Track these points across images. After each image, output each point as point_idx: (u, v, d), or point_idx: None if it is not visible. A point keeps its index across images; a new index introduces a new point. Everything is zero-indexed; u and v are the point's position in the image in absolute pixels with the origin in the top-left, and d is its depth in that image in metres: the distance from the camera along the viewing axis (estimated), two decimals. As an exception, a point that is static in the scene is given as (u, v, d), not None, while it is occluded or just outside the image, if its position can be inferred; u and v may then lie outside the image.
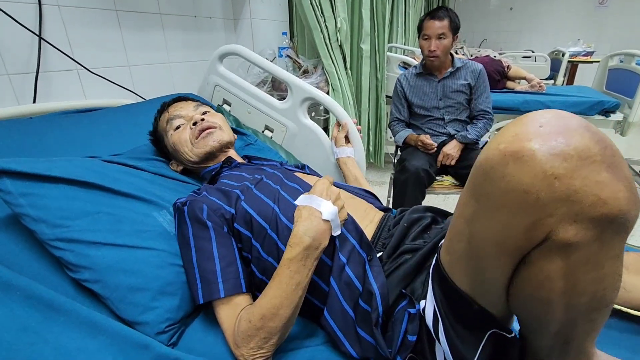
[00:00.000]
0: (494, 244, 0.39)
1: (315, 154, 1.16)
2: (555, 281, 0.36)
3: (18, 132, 0.80)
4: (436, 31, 1.47)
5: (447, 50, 1.51)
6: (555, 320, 0.39)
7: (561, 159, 0.33)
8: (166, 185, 0.78)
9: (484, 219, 0.39)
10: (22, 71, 0.96)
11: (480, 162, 0.38)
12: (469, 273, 0.44)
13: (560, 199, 0.33)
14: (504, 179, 0.35)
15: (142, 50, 1.29)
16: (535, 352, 0.46)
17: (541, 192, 0.33)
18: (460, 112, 1.60)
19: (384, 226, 0.71)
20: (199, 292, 0.57)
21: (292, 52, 1.80)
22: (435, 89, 1.59)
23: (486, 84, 1.56)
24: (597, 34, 4.16)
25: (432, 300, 0.50)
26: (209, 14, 1.59)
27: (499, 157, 0.35)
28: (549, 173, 0.33)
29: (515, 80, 2.69)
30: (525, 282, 0.39)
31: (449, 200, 2.21)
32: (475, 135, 1.54)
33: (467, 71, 1.55)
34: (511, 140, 0.35)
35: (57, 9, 1.01)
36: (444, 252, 0.48)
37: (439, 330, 0.48)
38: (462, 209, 0.43)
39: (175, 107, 0.88)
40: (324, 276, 0.59)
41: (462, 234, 0.43)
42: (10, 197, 0.55)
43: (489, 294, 0.44)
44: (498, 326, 0.45)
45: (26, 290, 0.48)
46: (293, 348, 0.57)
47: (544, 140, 0.34)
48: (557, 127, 0.34)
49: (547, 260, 0.36)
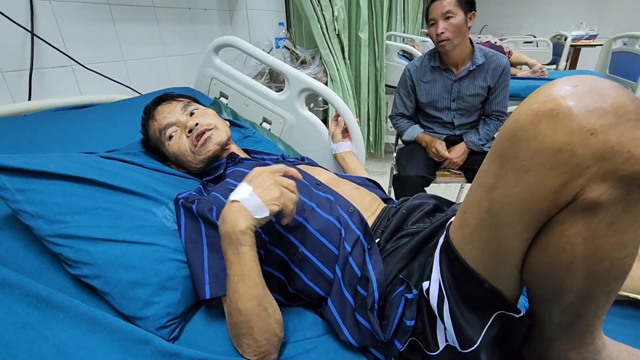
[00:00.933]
0: (517, 211, 0.38)
1: (314, 145, 1.15)
2: (577, 245, 0.36)
3: (13, 129, 0.79)
4: (441, 10, 1.25)
5: (459, 31, 1.26)
6: (572, 289, 0.39)
7: (598, 115, 0.33)
8: (164, 181, 0.78)
9: (509, 184, 0.38)
10: (16, 68, 0.95)
11: (508, 125, 0.38)
12: (483, 247, 0.43)
13: (594, 156, 0.33)
14: (535, 139, 0.35)
15: (137, 44, 1.27)
16: (542, 331, 0.46)
17: (575, 149, 0.33)
18: (472, 114, 1.45)
19: (384, 215, 0.71)
20: (206, 288, 0.58)
21: (289, 43, 1.77)
22: (450, 88, 1.40)
23: (507, 82, 1.36)
24: (600, 17, 4.09)
25: (438, 280, 0.49)
26: (204, 6, 1.57)
27: (531, 117, 0.35)
28: (585, 129, 0.33)
29: (517, 66, 2.65)
30: (544, 249, 0.39)
31: (450, 188, 2.20)
32: (485, 139, 1.41)
33: (489, 69, 1.33)
34: (544, 100, 0.35)
35: (48, 4, 0.99)
36: (456, 228, 0.48)
37: (443, 311, 0.47)
38: (482, 178, 0.42)
39: (162, 113, 0.83)
40: (330, 265, 0.60)
41: (481, 204, 0.42)
42: (7, 193, 0.55)
43: (503, 269, 0.43)
44: (506, 307, 0.45)
45: (25, 288, 0.47)
46: (294, 339, 0.57)
47: (579, 98, 0.34)
48: (591, 87, 0.34)
49: (570, 224, 0.36)
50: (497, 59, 1.34)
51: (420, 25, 3.68)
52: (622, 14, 4.03)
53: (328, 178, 0.79)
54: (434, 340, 0.51)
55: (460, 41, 1.30)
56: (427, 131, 1.53)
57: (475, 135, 1.44)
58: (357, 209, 0.65)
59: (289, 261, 0.63)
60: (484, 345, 0.45)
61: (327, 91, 1.10)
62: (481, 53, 1.35)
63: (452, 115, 1.46)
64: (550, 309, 0.43)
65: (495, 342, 0.47)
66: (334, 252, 0.61)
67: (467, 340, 0.45)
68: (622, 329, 0.57)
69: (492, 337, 0.45)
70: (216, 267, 0.59)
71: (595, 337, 0.44)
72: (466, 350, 0.45)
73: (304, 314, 0.63)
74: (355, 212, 0.65)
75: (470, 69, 1.34)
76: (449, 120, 1.47)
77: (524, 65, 2.60)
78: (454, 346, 0.48)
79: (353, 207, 0.66)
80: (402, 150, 1.58)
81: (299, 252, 0.62)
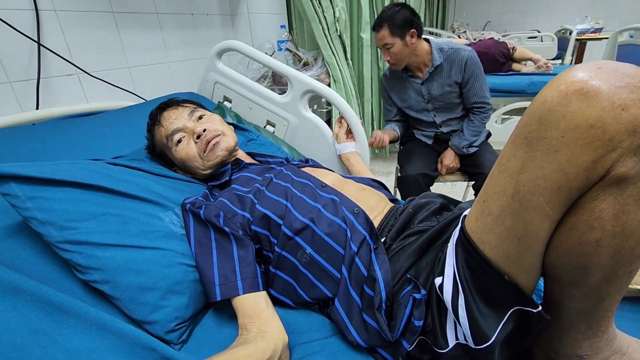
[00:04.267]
0: (546, 192, 0.38)
1: (318, 146, 1.15)
2: (606, 222, 0.37)
3: (22, 138, 0.81)
4: (380, 43, 1.35)
5: (402, 56, 1.34)
6: (598, 268, 0.39)
7: (628, 91, 0.34)
8: (170, 186, 0.78)
9: (537, 166, 0.38)
10: (23, 78, 0.97)
11: (534, 107, 0.38)
12: (506, 234, 0.43)
13: (625, 130, 0.34)
14: (565, 118, 0.35)
15: (141, 51, 1.29)
16: (558, 320, 0.46)
17: (607, 124, 0.34)
18: (453, 110, 1.45)
19: (392, 215, 0.71)
20: (217, 290, 0.58)
21: (291, 45, 1.78)
22: (420, 91, 1.43)
23: (477, 72, 1.34)
24: (606, 10, 4.03)
25: (452, 275, 0.49)
26: (206, 11, 1.58)
27: (559, 98, 0.36)
28: (616, 104, 0.34)
29: (521, 62, 2.62)
30: (573, 227, 0.39)
31: (457, 187, 2.19)
32: (471, 135, 1.40)
33: (452, 65, 1.35)
34: (572, 81, 0.36)
35: (54, 14, 1.01)
36: (474, 219, 0.47)
37: (458, 306, 0.47)
38: (505, 164, 0.42)
39: (168, 119, 0.83)
40: (336, 264, 0.61)
41: (505, 190, 0.42)
42: (18, 200, 0.56)
43: (526, 256, 0.43)
44: (523, 302, 0.44)
45: (36, 294, 0.48)
46: (302, 341, 0.58)
47: (607, 77, 0.35)
48: (614, 67, 0.35)
49: (600, 199, 0.37)
50: (457, 54, 1.34)
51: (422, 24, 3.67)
52: (628, 6, 3.97)
53: (333, 179, 0.79)
54: (444, 338, 0.50)
55: (408, 56, 1.35)
56: (416, 131, 1.57)
57: (458, 137, 1.43)
58: (362, 210, 0.66)
59: (297, 264, 0.63)
60: (498, 342, 0.44)
61: (329, 92, 1.11)
62: (439, 53, 1.36)
63: (432, 115, 1.47)
64: (572, 292, 0.43)
65: (509, 339, 0.46)
66: (340, 253, 0.61)
67: (483, 335, 0.45)
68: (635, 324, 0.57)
69: (508, 333, 0.45)
70: (226, 270, 0.60)
71: (610, 325, 0.44)
72: (480, 346, 0.45)
73: (311, 315, 0.63)
74: (361, 213, 0.65)
75: (430, 71, 1.37)
76: (430, 120, 1.49)
77: (529, 60, 2.57)
78: (464, 344, 0.47)
79: (358, 207, 0.67)
80: (401, 152, 1.59)
81: (306, 253, 0.62)
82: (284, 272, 0.65)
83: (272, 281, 0.66)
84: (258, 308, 0.57)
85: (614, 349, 0.45)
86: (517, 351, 0.50)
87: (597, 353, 0.45)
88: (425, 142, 1.54)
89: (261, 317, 0.56)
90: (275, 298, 0.65)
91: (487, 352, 0.45)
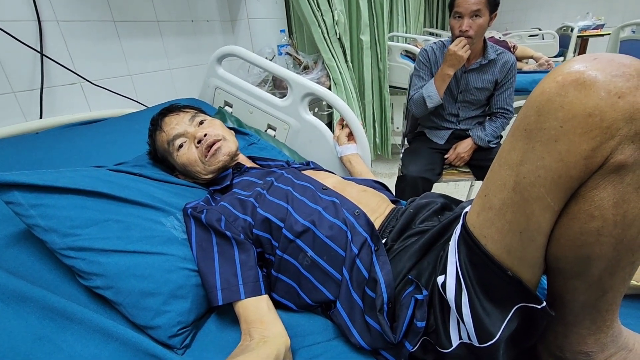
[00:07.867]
0: (546, 182, 0.38)
1: (319, 149, 1.16)
2: (606, 210, 0.37)
3: (26, 147, 0.82)
4: (470, 7, 1.23)
5: (482, 32, 1.27)
6: (601, 259, 0.39)
7: (624, 79, 0.34)
8: (171, 191, 0.79)
9: (537, 157, 0.38)
10: (27, 88, 0.98)
11: (532, 99, 0.38)
12: (508, 228, 0.43)
13: (623, 118, 0.34)
14: (563, 108, 0.36)
15: (142, 58, 1.30)
16: (563, 316, 0.45)
17: (605, 112, 0.34)
18: (477, 109, 1.45)
19: (393, 216, 0.71)
20: (219, 294, 0.59)
21: (291, 49, 1.79)
22: (458, 79, 1.38)
23: (514, 79, 1.37)
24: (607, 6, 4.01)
25: (455, 273, 0.48)
26: (206, 18, 1.60)
27: (557, 89, 0.36)
28: (612, 93, 0.34)
29: (523, 60, 2.62)
30: (574, 217, 0.39)
31: (460, 187, 2.17)
32: (492, 133, 1.40)
33: (498, 65, 1.35)
34: (568, 72, 0.36)
35: (56, 24, 1.03)
36: (475, 214, 0.47)
37: (462, 304, 0.46)
38: (505, 157, 0.42)
39: (169, 125, 0.84)
40: (337, 267, 0.61)
41: (506, 183, 0.42)
42: (21, 208, 0.57)
43: (528, 249, 0.43)
44: (527, 298, 0.44)
45: (40, 300, 0.49)
46: (305, 344, 0.57)
47: (603, 67, 0.35)
48: (610, 58, 0.36)
49: (600, 188, 0.37)
50: (506, 56, 1.37)
51: (422, 25, 3.67)
52: (630, 2, 3.94)
53: (334, 182, 0.79)
54: (447, 338, 0.50)
55: (481, 37, 1.32)
56: (431, 126, 1.54)
57: (481, 130, 1.44)
58: (363, 212, 0.65)
59: (299, 266, 0.63)
60: (502, 340, 0.44)
61: (330, 95, 1.11)
62: (492, 49, 1.37)
63: (458, 107, 1.45)
64: (575, 285, 0.43)
65: (514, 337, 0.46)
66: (341, 255, 0.61)
67: (487, 333, 0.44)
68: None
69: (512, 331, 0.44)
70: (228, 274, 0.60)
71: (614, 320, 0.44)
72: (485, 344, 0.44)
73: (313, 318, 0.63)
74: (362, 215, 0.65)
75: (482, 62, 1.35)
76: (454, 112, 1.46)
77: (530, 59, 2.56)
78: (468, 343, 0.47)
79: (359, 209, 0.66)
80: (407, 150, 1.59)
81: (307, 256, 0.62)
82: (285, 276, 0.65)
83: (274, 285, 0.66)
84: (260, 312, 0.57)
85: (620, 345, 0.45)
86: (522, 349, 0.49)
87: (602, 350, 0.45)
88: (435, 143, 1.52)
89: (263, 322, 0.56)
90: (277, 302, 0.65)
91: (491, 351, 0.44)
